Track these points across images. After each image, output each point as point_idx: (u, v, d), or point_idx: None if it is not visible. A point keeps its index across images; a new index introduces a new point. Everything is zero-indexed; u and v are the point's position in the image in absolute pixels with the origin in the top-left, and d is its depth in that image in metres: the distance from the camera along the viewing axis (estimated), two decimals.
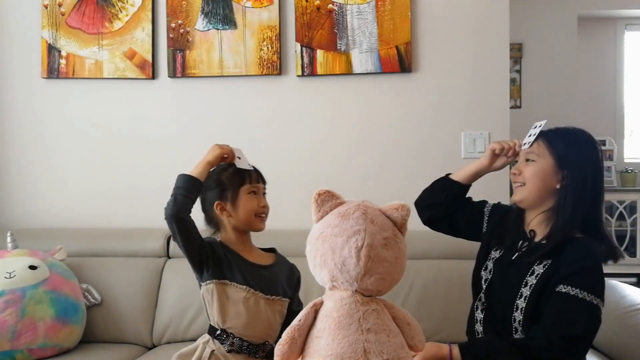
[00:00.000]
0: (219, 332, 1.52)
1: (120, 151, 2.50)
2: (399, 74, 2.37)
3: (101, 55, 2.47)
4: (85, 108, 2.51)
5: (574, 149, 1.47)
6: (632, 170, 4.54)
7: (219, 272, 1.52)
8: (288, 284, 1.63)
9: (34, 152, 2.54)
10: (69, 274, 2.10)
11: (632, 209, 4.30)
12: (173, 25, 2.44)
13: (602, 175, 1.51)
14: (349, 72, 2.37)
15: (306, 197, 1.28)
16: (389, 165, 2.39)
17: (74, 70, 2.49)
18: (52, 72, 2.49)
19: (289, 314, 1.57)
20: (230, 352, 1.51)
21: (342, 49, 2.37)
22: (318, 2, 2.38)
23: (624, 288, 1.92)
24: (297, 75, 2.40)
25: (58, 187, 2.52)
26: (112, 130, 2.50)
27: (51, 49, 2.48)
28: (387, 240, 1.17)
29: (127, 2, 2.46)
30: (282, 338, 1.18)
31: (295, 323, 1.19)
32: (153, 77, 2.47)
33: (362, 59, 2.37)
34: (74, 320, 2.01)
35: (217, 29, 2.43)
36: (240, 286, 1.52)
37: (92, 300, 2.14)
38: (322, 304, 1.20)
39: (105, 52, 2.47)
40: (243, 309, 1.51)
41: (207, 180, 1.53)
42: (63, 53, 2.48)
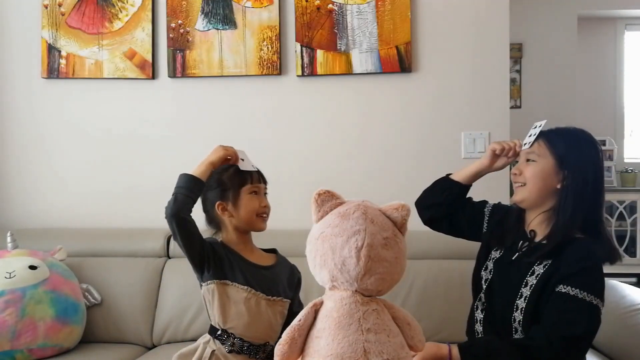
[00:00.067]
0: (219, 333, 1.51)
1: (120, 151, 2.50)
2: (399, 74, 2.37)
3: (101, 55, 2.47)
4: (85, 108, 2.51)
5: (575, 149, 1.47)
6: (632, 170, 4.54)
7: (220, 273, 1.52)
8: (289, 285, 1.62)
9: (34, 152, 2.54)
10: (69, 274, 2.10)
11: (632, 209, 4.30)
12: (173, 25, 2.44)
13: (603, 176, 1.51)
14: (349, 72, 2.37)
15: (306, 197, 1.28)
16: (389, 165, 2.39)
17: (74, 70, 2.49)
18: (52, 72, 2.49)
19: (290, 315, 1.56)
20: (230, 352, 1.50)
21: (342, 49, 2.37)
22: (318, 2, 2.38)
23: (624, 288, 1.92)
24: (297, 75, 2.40)
25: (58, 187, 2.52)
26: (112, 130, 2.50)
27: (51, 49, 2.48)
28: (387, 240, 1.17)
29: (127, 2, 2.46)
30: (282, 338, 1.18)
31: (295, 323, 1.19)
32: (153, 77, 2.47)
33: (362, 59, 2.36)
34: (74, 320, 2.01)
35: (217, 29, 2.43)
36: (242, 286, 1.52)
37: (92, 300, 2.14)
38: (322, 304, 1.20)
39: (105, 52, 2.47)
40: (244, 310, 1.50)
41: (209, 181, 1.52)
42: (63, 53, 2.48)
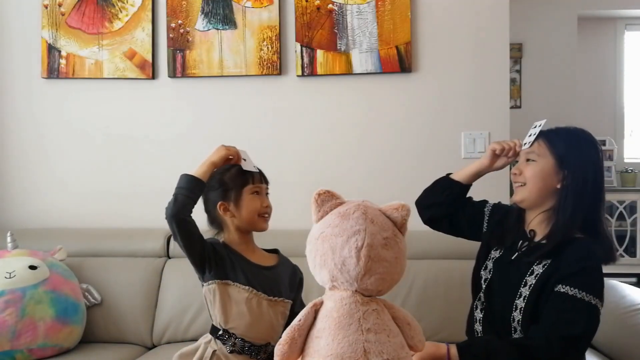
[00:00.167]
0: (221, 333, 1.51)
1: (120, 151, 2.50)
2: (399, 74, 2.37)
3: (101, 55, 2.47)
4: (85, 108, 2.51)
5: (575, 148, 1.47)
6: (632, 170, 4.54)
7: (222, 273, 1.52)
8: (290, 286, 1.62)
9: (34, 152, 2.54)
10: (69, 274, 2.10)
11: (632, 209, 4.30)
12: (173, 25, 2.44)
13: (603, 175, 1.51)
14: (349, 72, 2.37)
15: (306, 197, 1.28)
16: (389, 165, 2.39)
17: (74, 70, 2.49)
18: (52, 72, 2.49)
19: (292, 315, 1.55)
20: (232, 352, 1.50)
21: (342, 49, 2.37)
22: (318, 2, 2.38)
23: (624, 288, 1.92)
24: (297, 75, 2.40)
25: (58, 187, 2.52)
26: (112, 130, 2.50)
27: (51, 49, 2.48)
28: (387, 240, 1.17)
29: (127, 2, 2.46)
30: (282, 338, 1.18)
31: (295, 323, 1.19)
32: (153, 77, 2.47)
33: (362, 59, 2.36)
34: (74, 320, 2.01)
35: (217, 29, 2.43)
36: (243, 287, 1.51)
37: (92, 300, 2.14)
38: (322, 304, 1.20)
39: (105, 52, 2.47)
40: (246, 310, 1.50)
41: (210, 181, 1.52)
42: (63, 53, 2.48)
